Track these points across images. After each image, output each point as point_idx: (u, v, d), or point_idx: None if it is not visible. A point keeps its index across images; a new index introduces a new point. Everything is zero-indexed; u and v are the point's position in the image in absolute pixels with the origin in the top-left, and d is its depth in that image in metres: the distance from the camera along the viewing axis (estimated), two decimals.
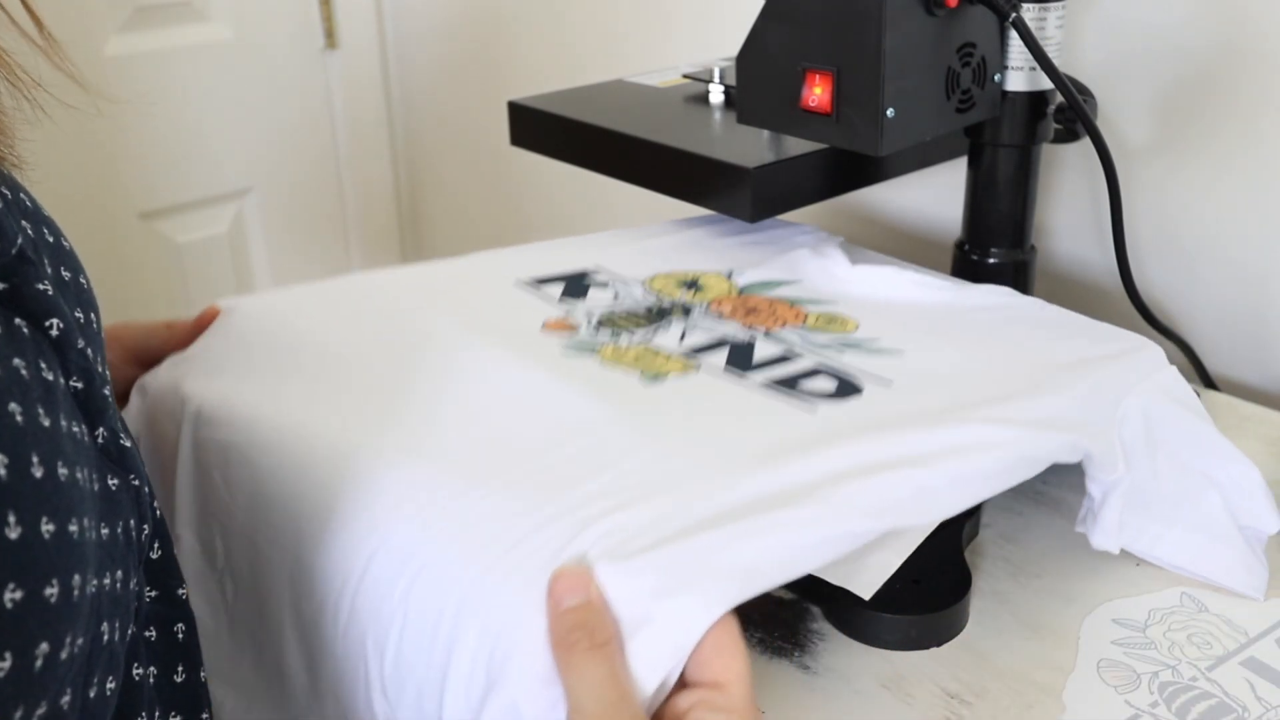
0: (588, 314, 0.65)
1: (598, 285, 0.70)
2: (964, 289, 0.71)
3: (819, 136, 0.70)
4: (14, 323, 0.36)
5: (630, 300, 0.68)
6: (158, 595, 0.46)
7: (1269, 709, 0.52)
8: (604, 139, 0.81)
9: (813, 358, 0.61)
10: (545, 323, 0.64)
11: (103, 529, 0.37)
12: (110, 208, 1.37)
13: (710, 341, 0.63)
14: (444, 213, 1.62)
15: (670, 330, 0.64)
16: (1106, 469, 0.56)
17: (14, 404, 0.33)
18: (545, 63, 1.34)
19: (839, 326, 0.66)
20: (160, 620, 0.46)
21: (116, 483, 0.40)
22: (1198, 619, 0.58)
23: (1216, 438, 0.61)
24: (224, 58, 1.45)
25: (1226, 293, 0.84)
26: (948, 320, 0.67)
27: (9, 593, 0.31)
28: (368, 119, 1.60)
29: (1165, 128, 0.83)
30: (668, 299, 0.69)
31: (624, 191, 0.85)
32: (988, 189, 0.77)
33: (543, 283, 0.70)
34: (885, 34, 0.64)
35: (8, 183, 0.39)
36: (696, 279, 0.72)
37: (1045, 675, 0.54)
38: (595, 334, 0.62)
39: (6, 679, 0.31)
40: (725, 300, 0.69)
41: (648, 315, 0.66)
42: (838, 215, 1.07)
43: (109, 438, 0.40)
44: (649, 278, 0.72)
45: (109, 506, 0.38)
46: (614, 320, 0.65)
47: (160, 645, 0.45)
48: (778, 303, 0.69)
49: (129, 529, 0.40)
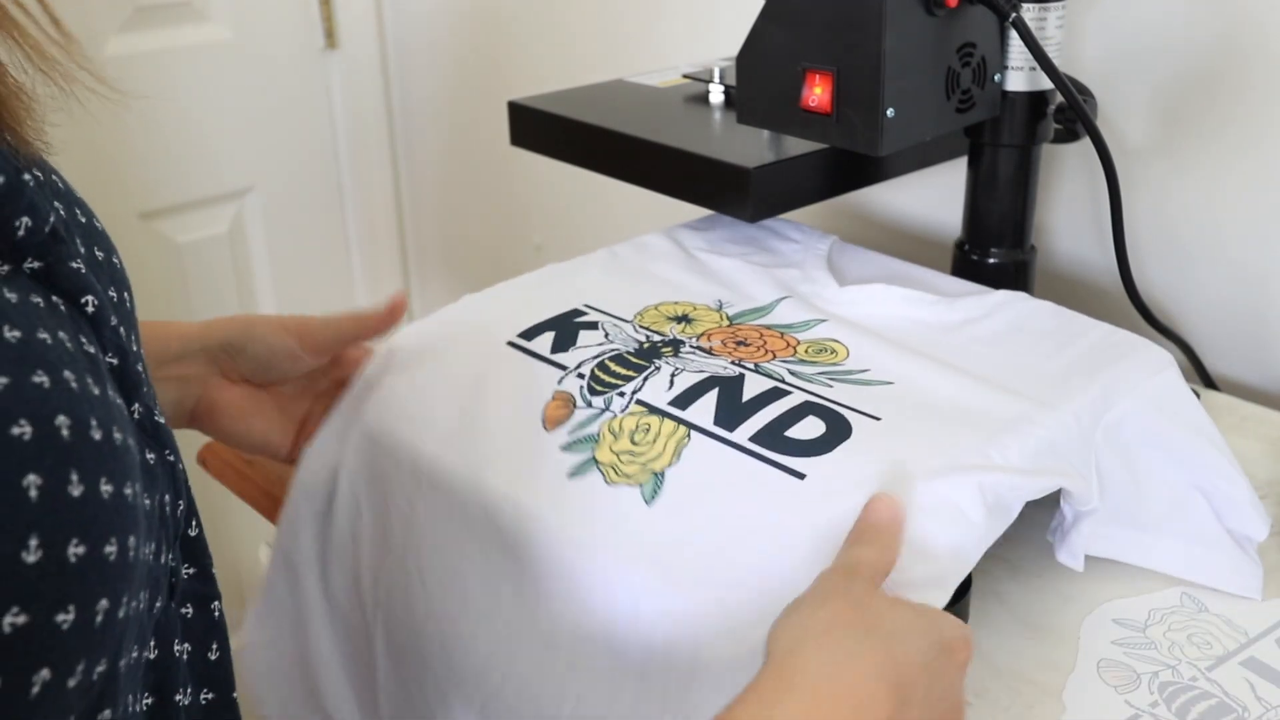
0: (579, 373, 0.63)
1: (586, 327, 0.68)
2: (952, 304, 0.69)
3: (819, 136, 0.70)
4: (51, 299, 0.36)
5: (620, 339, 0.66)
6: (195, 573, 0.47)
7: (1269, 709, 0.52)
8: (604, 139, 0.81)
9: (801, 394, 0.60)
10: (545, 412, 0.61)
11: (144, 499, 0.38)
12: (110, 208, 1.36)
13: (698, 381, 0.61)
14: (444, 213, 1.62)
15: (660, 376, 0.62)
16: (1081, 501, 0.57)
17: (68, 371, 0.34)
18: (545, 63, 1.34)
19: (829, 356, 0.65)
20: (196, 597, 0.47)
21: (153, 457, 0.41)
22: (1198, 619, 0.58)
23: (1205, 449, 0.61)
24: (224, 58, 1.44)
25: (1226, 293, 0.84)
26: (937, 342, 0.66)
27: (73, 548, 0.32)
28: (368, 119, 1.60)
29: (1165, 127, 0.83)
30: (657, 335, 0.67)
31: (624, 191, 0.85)
32: (988, 189, 0.77)
33: (532, 335, 0.67)
34: (885, 34, 0.64)
35: (39, 165, 0.40)
36: (686, 313, 0.70)
37: (1045, 675, 0.54)
38: (589, 404, 0.60)
39: (71, 630, 0.32)
40: (716, 332, 0.67)
41: (637, 355, 0.64)
42: (838, 215, 1.07)
43: (144, 413, 0.41)
44: (638, 312, 0.70)
45: (149, 479, 0.39)
46: (605, 377, 0.62)
47: (196, 622, 0.46)
48: (768, 333, 0.68)
49: (163, 503, 0.41)
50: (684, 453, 0.57)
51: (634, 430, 0.58)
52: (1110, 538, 0.60)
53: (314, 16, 1.52)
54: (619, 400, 0.60)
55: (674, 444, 0.57)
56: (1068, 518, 0.59)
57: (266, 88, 1.49)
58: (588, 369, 0.63)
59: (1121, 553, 0.60)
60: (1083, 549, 0.59)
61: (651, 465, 0.56)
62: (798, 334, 0.68)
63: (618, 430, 0.59)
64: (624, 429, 0.59)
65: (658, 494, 0.55)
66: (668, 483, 0.56)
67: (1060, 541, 0.60)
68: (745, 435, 0.57)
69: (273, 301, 1.57)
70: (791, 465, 0.54)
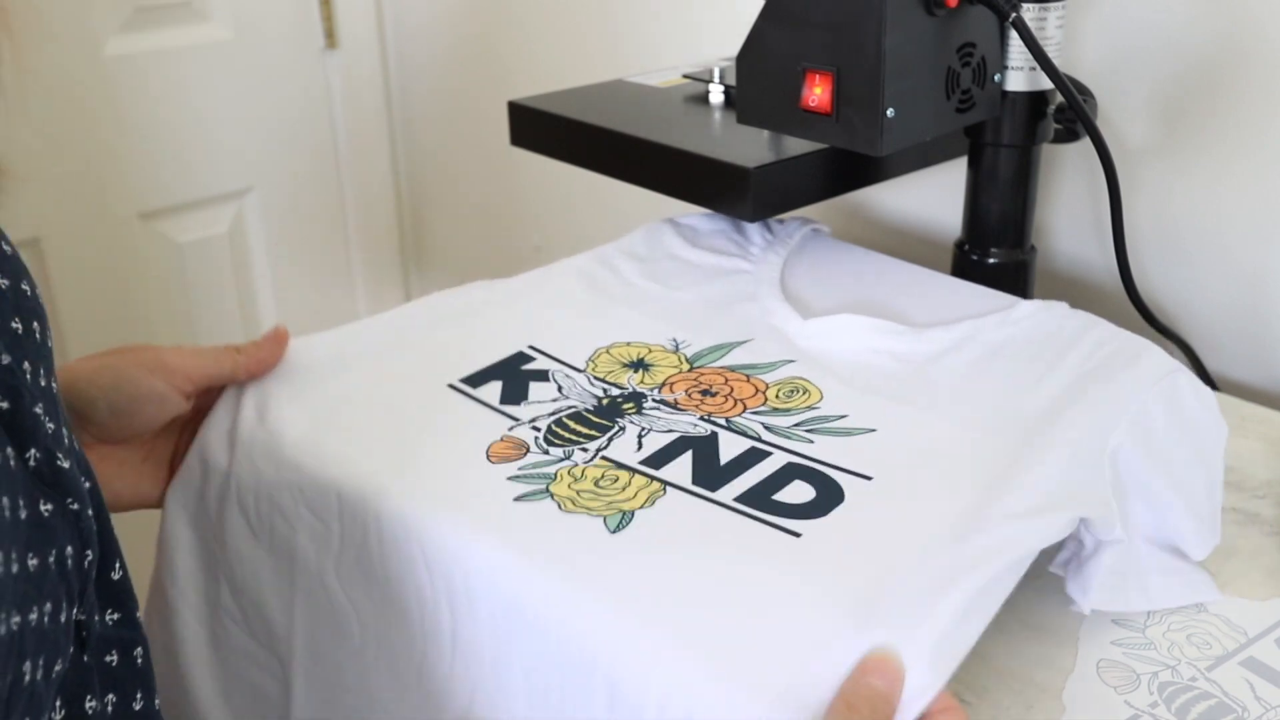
0: (534, 425, 0.58)
1: (536, 378, 0.62)
2: (922, 334, 0.66)
3: (819, 136, 0.70)
4: None
5: (575, 393, 0.61)
6: (119, 619, 0.43)
7: (1269, 709, 0.52)
8: (604, 139, 0.81)
9: (782, 453, 0.55)
10: (490, 448, 0.56)
11: (30, 560, 0.34)
12: (110, 208, 1.37)
13: (670, 442, 0.56)
14: (444, 212, 1.62)
15: (625, 437, 0.56)
16: (1103, 530, 0.54)
17: None
18: (545, 63, 1.34)
19: (802, 399, 0.60)
20: (121, 644, 0.43)
21: (51, 508, 0.37)
22: (1197, 619, 0.58)
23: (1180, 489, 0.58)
24: (224, 58, 1.44)
25: (1226, 293, 0.84)
26: (914, 375, 0.62)
27: None
28: (368, 119, 1.60)
29: (1165, 127, 0.83)
30: (615, 388, 0.61)
31: (624, 191, 0.85)
32: (988, 189, 0.77)
33: (477, 382, 0.62)
34: (885, 34, 0.64)
35: None
36: (642, 357, 0.65)
37: (1045, 675, 0.54)
38: (546, 452, 0.55)
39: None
40: (677, 381, 0.62)
41: (598, 413, 0.59)
42: (838, 215, 1.07)
43: (43, 459, 0.37)
44: (590, 356, 0.65)
45: (40, 534, 0.36)
46: (563, 433, 0.57)
47: (121, 671, 0.43)
48: (733, 377, 0.63)
49: (64, 557, 0.37)
50: (659, 501, 0.51)
51: (599, 478, 0.52)
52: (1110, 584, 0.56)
53: (314, 16, 1.52)
54: (581, 455, 0.55)
55: (646, 494, 0.52)
56: (1087, 547, 0.55)
57: (266, 87, 1.49)
58: (543, 424, 0.58)
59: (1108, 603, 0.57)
60: (1096, 587, 0.55)
61: (620, 505, 0.51)
62: (764, 375, 0.63)
63: (579, 475, 0.53)
64: (586, 475, 0.53)
65: (623, 527, 0.49)
66: (637, 520, 0.50)
67: (1075, 575, 0.56)
68: (730, 496, 0.52)
69: (273, 301, 1.57)
70: (784, 525, 0.50)
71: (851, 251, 0.79)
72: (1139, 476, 0.57)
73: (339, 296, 1.66)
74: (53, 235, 1.32)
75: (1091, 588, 0.55)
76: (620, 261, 0.75)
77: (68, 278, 1.34)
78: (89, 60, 1.32)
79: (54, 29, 1.29)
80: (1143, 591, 0.58)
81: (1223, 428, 0.61)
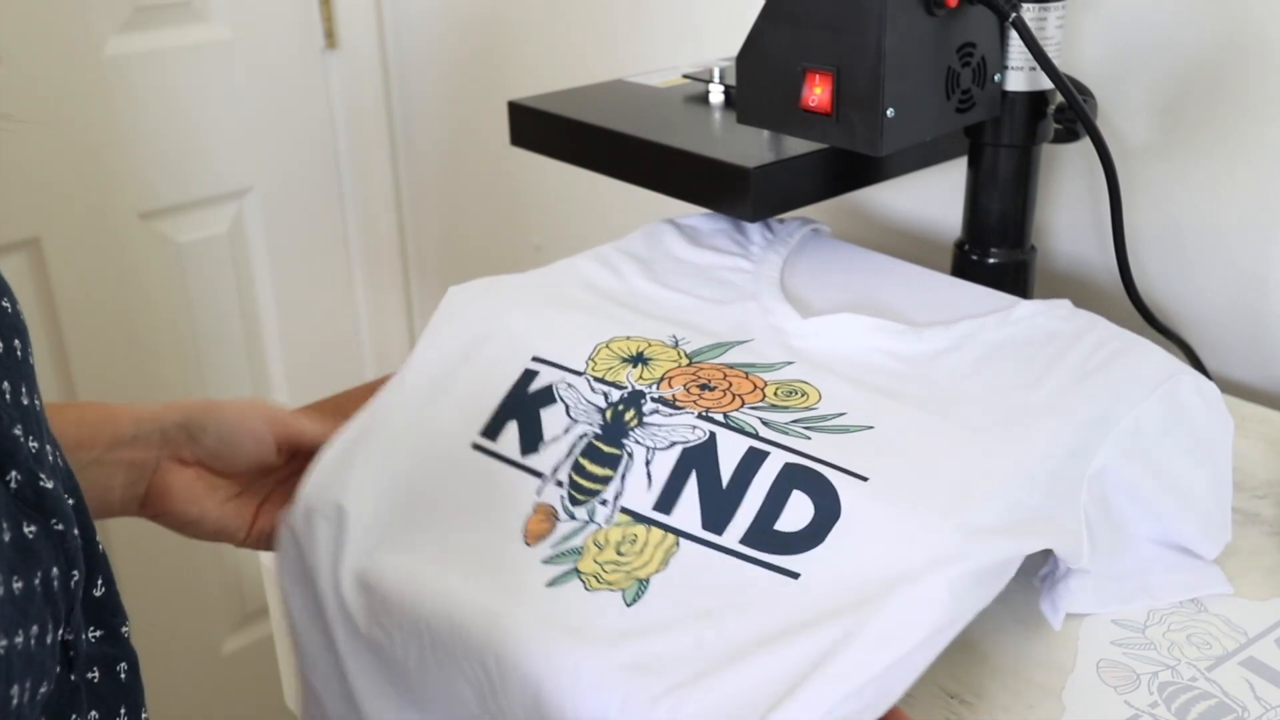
0: (557, 480, 0.60)
1: (544, 402, 0.63)
2: (922, 334, 0.66)
3: (819, 136, 0.70)
4: None
5: (581, 410, 0.62)
6: (102, 635, 0.43)
7: (1269, 709, 0.52)
8: (604, 139, 0.81)
9: (780, 452, 0.56)
10: (527, 527, 0.58)
11: (14, 583, 0.34)
12: (110, 208, 1.37)
13: (674, 467, 0.57)
14: (444, 213, 1.62)
15: (636, 469, 0.58)
16: (1071, 559, 0.56)
17: None
18: (545, 63, 1.34)
19: (800, 400, 0.61)
20: (104, 661, 0.43)
21: (34, 530, 0.36)
22: (1197, 619, 0.58)
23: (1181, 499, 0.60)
24: (224, 58, 1.44)
25: (1226, 293, 0.84)
26: (914, 375, 0.63)
27: None
28: (368, 119, 1.60)
29: (1165, 127, 0.83)
30: (616, 391, 0.62)
31: (624, 191, 0.85)
32: (988, 189, 0.77)
33: (495, 431, 0.62)
34: (885, 34, 0.64)
35: None
36: (641, 351, 0.65)
37: (1045, 675, 0.54)
38: (573, 516, 0.58)
39: None
40: (676, 375, 0.63)
41: (606, 441, 0.60)
42: (838, 215, 1.07)
43: (24, 481, 0.37)
44: (591, 355, 0.65)
45: (23, 558, 0.35)
46: (583, 482, 0.59)
47: (104, 687, 0.43)
48: (732, 373, 0.63)
49: (50, 579, 0.37)
50: (672, 561, 0.55)
51: (620, 541, 0.56)
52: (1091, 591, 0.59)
53: (314, 16, 1.52)
54: (602, 510, 0.58)
55: (662, 553, 0.55)
56: (1059, 569, 0.58)
57: (266, 87, 1.49)
58: (564, 473, 0.60)
59: (1099, 606, 0.59)
60: (1065, 607, 0.58)
61: (637, 573, 0.54)
62: (764, 374, 0.63)
63: (603, 542, 0.56)
64: (609, 541, 0.56)
65: (639, 598, 0.53)
66: (652, 587, 0.54)
67: (1048, 593, 0.59)
68: (735, 537, 0.54)
69: (272, 301, 1.57)
70: (784, 565, 0.53)
71: (851, 251, 0.79)
72: (1135, 489, 0.59)
73: (339, 296, 1.66)
74: (53, 235, 1.32)
75: (1061, 609, 0.58)
76: (620, 261, 0.75)
77: (68, 278, 1.34)
78: (89, 60, 1.32)
79: (54, 29, 1.29)
80: (1145, 590, 0.59)
81: (1229, 423, 0.61)
